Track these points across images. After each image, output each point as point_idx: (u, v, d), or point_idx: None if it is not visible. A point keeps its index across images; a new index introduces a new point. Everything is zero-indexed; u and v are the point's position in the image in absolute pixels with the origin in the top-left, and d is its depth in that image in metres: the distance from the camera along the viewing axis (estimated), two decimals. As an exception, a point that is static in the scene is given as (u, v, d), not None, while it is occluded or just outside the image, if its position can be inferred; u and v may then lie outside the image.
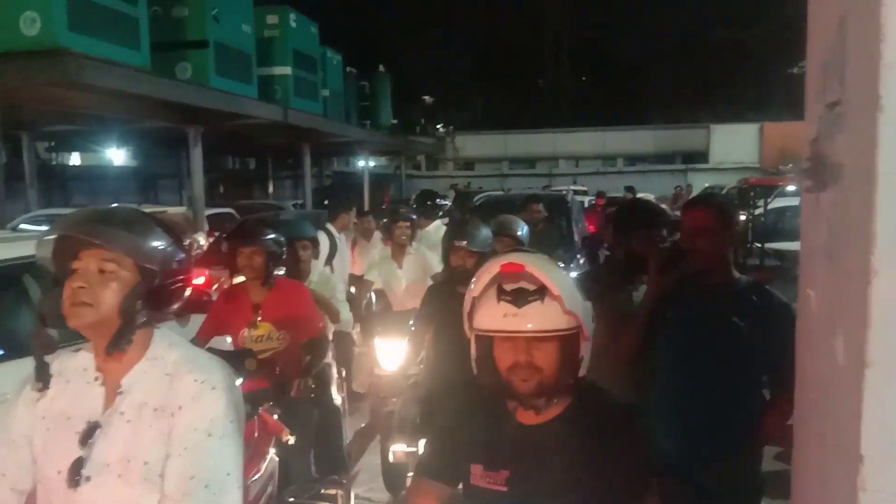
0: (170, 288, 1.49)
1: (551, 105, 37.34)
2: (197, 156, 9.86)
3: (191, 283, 1.58)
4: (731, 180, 20.41)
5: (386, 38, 32.98)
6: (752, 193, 13.48)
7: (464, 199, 16.33)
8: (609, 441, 1.53)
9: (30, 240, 3.38)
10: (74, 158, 22.28)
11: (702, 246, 2.27)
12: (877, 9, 0.80)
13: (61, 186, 17.99)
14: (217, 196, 19.74)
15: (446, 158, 30.83)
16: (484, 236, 3.40)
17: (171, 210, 10.95)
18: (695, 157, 28.09)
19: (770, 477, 2.35)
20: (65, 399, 1.48)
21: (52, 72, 6.58)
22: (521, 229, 4.07)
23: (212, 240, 8.73)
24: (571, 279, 1.58)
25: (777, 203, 12.73)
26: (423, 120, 27.71)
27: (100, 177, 19.55)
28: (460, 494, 1.67)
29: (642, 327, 2.40)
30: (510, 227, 4.00)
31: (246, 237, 3.44)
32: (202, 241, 8.74)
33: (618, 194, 15.74)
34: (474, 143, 30.95)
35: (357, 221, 6.37)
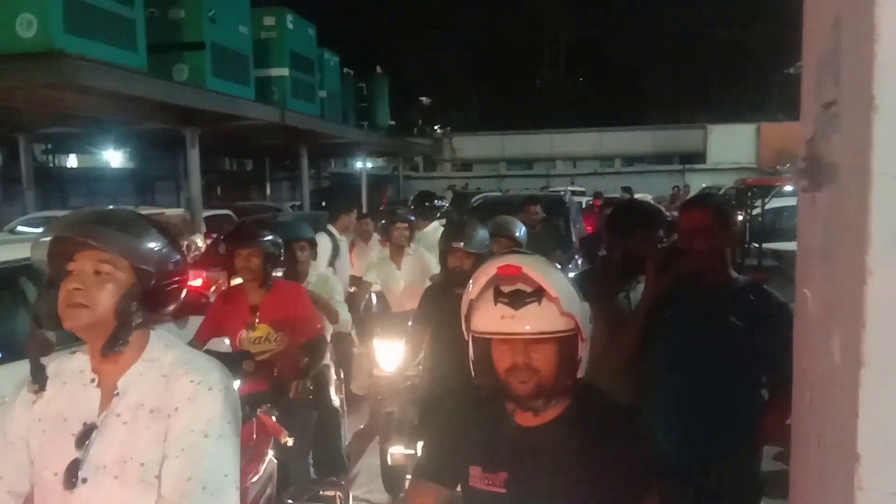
0: (165, 289, 1.49)
1: (549, 106, 37.33)
2: (194, 157, 9.86)
3: (186, 284, 1.57)
4: (728, 180, 20.42)
5: (383, 40, 32.98)
6: (750, 193, 13.50)
7: (461, 200, 16.33)
8: (608, 442, 1.53)
9: (27, 242, 3.37)
10: (71, 160, 22.30)
11: (699, 246, 2.27)
12: (870, 9, 0.81)
13: (58, 188, 17.99)
14: (214, 198, 19.76)
15: (444, 159, 30.85)
16: (481, 237, 3.40)
17: (169, 212, 10.94)
18: (692, 158, 28.13)
19: (770, 477, 2.35)
20: (61, 401, 1.48)
21: (48, 74, 6.58)
22: (519, 230, 4.07)
23: (209, 241, 8.71)
24: (569, 280, 1.57)
25: (775, 203, 12.75)
26: (420, 121, 27.71)
27: (97, 179, 19.55)
28: (459, 496, 1.67)
29: (640, 328, 2.40)
30: (508, 229, 4.00)
31: (243, 239, 3.43)
32: (200, 242, 8.73)
33: (615, 195, 15.74)
34: (472, 144, 30.96)
35: (355, 223, 6.37)
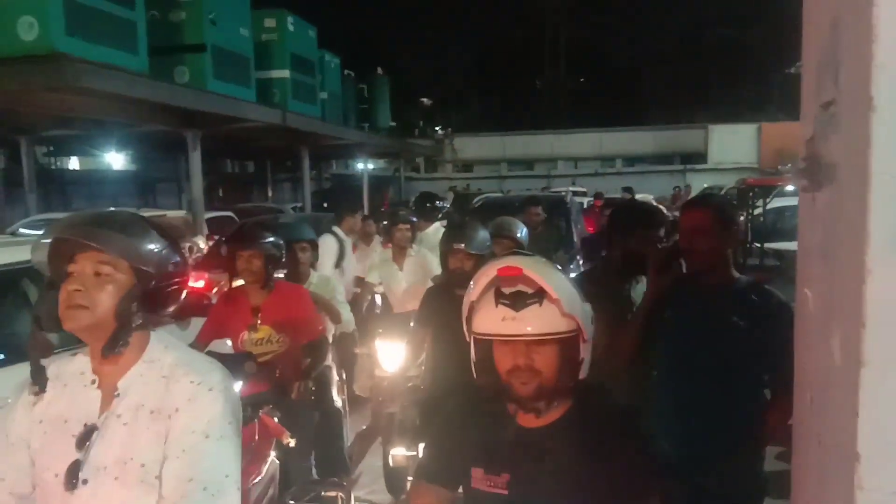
0: (165, 290, 1.50)
1: (550, 106, 37.32)
2: (196, 159, 9.87)
3: (187, 285, 1.58)
4: (729, 180, 20.44)
5: (384, 41, 33.07)
6: (752, 193, 13.50)
7: (463, 201, 16.32)
8: (610, 443, 1.53)
9: (28, 244, 3.38)
10: (73, 163, 22.30)
11: (700, 246, 2.26)
12: (869, 10, 0.81)
13: (60, 191, 17.99)
14: (216, 199, 19.75)
15: (445, 160, 30.85)
16: (482, 238, 3.39)
17: (171, 214, 10.94)
18: (693, 158, 28.10)
19: (772, 477, 2.35)
20: (62, 402, 1.48)
21: (50, 76, 6.59)
22: (520, 231, 4.06)
23: (211, 243, 8.72)
24: (570, 281, 1.57)
25: (776, 203, 12.76)
26: (421, 122, 27.74)
27: (99, 181, 19.57)
28: (461, 498, 1.67)
29: (640, 328, 2.40)
30: (509, 229, 4.00)
31: (245, 241, 3.43)
32: (202, 244, 8.73)
33: (616, 195, 15.72)
34: (473, 145, 30.97)
35: (360, 225, 6.38)
